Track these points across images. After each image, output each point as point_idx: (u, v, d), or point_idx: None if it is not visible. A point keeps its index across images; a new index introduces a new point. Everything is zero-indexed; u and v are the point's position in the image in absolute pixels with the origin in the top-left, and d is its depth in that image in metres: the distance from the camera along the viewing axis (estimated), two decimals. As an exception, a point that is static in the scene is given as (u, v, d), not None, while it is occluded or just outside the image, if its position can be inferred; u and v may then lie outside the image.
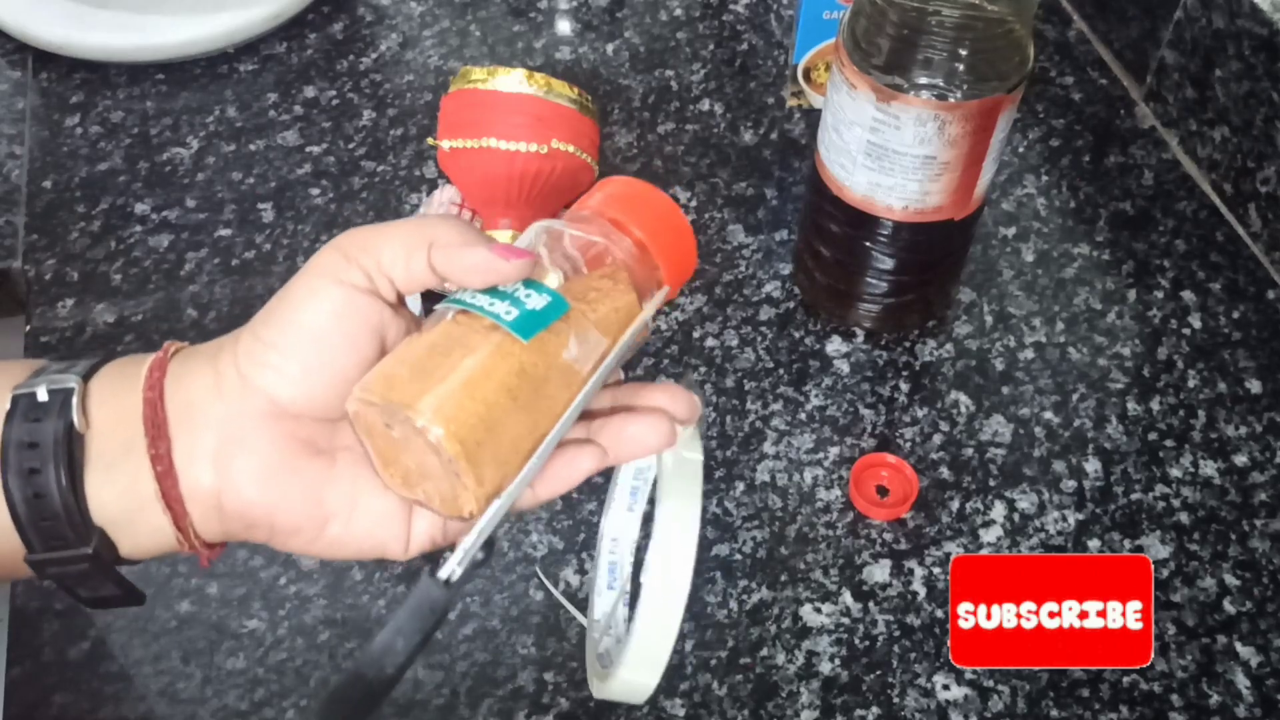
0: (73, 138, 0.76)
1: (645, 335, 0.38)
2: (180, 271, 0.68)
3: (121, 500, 0.34)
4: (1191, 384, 0.64)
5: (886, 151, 0.55)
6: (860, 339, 0.65)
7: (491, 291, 0.35)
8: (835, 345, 0.65)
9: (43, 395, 0.34)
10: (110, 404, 0.34)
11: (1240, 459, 0.60)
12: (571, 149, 0.63)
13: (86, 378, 0.35)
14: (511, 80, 0.62)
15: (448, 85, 0.66)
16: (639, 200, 0.39)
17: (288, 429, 0.34)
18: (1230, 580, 0.56)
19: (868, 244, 0.60)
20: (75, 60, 0.80)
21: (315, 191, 0.73)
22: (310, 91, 0.79)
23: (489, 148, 0.62)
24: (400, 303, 0.36)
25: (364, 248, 0.35)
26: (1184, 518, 0.58)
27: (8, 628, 0.53)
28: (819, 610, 0.54)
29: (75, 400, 0.34)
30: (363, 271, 0.34)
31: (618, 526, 0.49)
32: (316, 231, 0.70)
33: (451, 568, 0.34)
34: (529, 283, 0.35)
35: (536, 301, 0.35)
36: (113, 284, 0.67)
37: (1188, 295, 0.68)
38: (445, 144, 0.63)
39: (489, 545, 0.34)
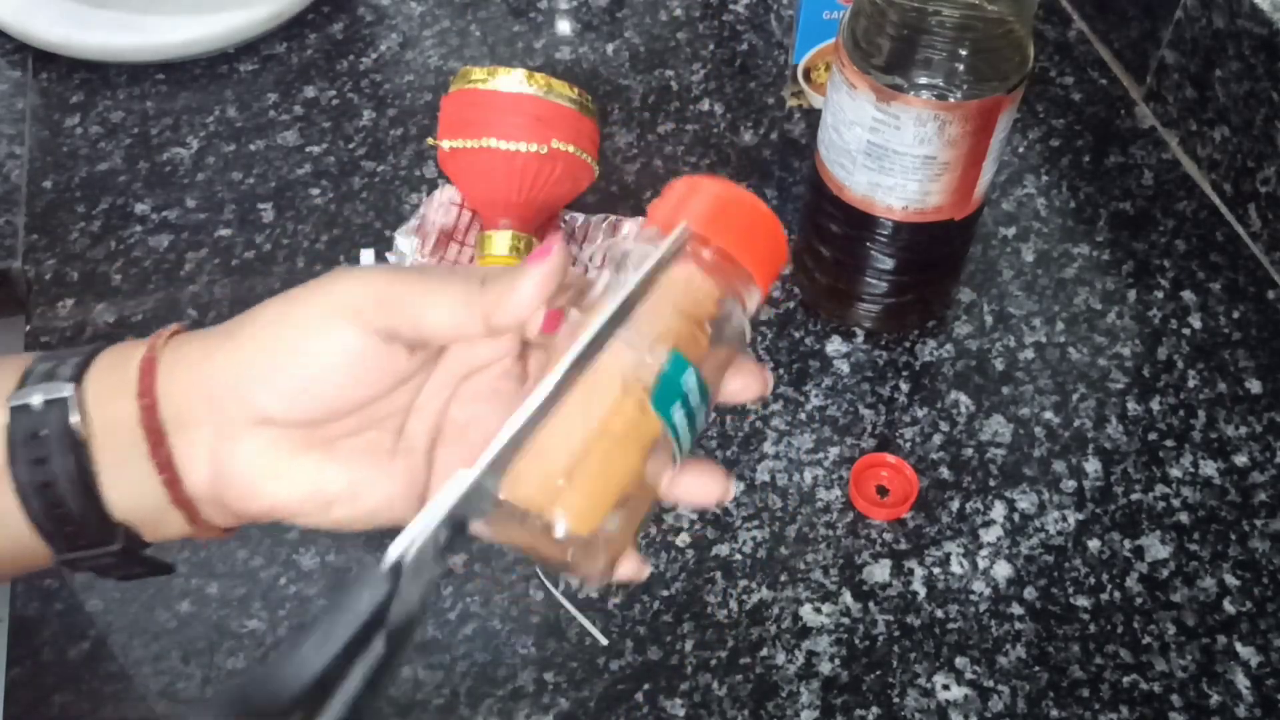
0: (73, 138, 0.76)
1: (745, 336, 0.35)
2: (180, 271, 0.68)
3: (136, 500, 0.34)
4: (1191, 384, 0.64)
5: (886, 151, 0.55)
6: (860, 339, 0.65)
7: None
8: (835, 345, 0.65)
9: (38, 404, 0.33)
10: (108, 406, 0.34)
11: (1240, 459, 0.60)
12: (571, 149, 0.63)
13: (78, 379, 0.34)
14: (511, 80, 0.62)
15: (448, 85, 0.66)
16: (719, 208, 0.34)
17: (280, 432, 0.34)
18: (1230, 580, 0.56)
19: (868, 244, 0.60)
20: (75, 60, 0.80)
21: (315, 191, 0.73)
22: (310, 91, 0.79)
23: (489, 148, 0.62)
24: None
25: (401, 304, 0.31)
26: (1184, 518, 0.58)
27: (8, 628, 0.53)
28: (819, 610, 0.54)
29: (73, 405, 0.33)
30: (394, 325, 0.32)
31: None
32: (316, 231, 0.70)
33: (396, 552, 0.28)
34: None
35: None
36: (113, 284, 0.67)
37: (1188, 295, 0.68)
38: (445, 144, 0.63)
39: (457, 526, 0.29)
